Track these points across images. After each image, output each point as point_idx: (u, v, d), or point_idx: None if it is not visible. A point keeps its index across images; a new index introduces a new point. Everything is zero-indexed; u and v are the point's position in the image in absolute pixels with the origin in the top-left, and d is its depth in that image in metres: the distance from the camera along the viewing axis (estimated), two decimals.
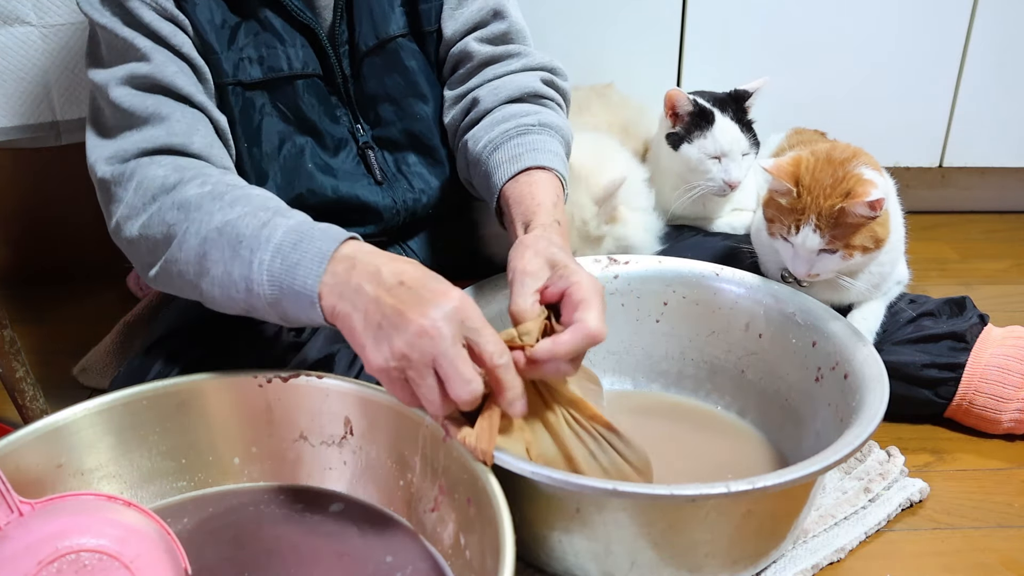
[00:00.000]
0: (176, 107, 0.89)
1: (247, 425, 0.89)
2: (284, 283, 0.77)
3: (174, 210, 0.83)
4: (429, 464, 0.83)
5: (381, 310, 0.72)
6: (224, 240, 0.80)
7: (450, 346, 0.71)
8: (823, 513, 0.97)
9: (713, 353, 1.08)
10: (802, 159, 1.03)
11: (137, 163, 0.87)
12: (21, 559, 0.68)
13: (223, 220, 0.81)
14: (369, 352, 0.73)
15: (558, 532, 0.82)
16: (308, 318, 0.78)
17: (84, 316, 1.40)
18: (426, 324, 0.70)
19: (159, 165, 0.86)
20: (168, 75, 0.89)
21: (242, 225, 0.80)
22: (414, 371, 0.72)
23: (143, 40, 0.89)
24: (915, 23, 1.57)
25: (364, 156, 1.05)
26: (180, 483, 0.89)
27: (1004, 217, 1.78)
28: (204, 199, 0.83)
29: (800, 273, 1.04)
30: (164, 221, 0.83)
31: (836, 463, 0.77)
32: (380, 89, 1.04)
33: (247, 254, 0.78)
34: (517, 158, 0.96)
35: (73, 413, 0.84)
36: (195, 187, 0.84)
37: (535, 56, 1.08)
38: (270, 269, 0.77)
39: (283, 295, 0.77)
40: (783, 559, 0.90)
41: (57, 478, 0.82)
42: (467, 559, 0.78)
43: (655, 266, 1.09)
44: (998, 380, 1.08)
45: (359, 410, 0.87)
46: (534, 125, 0.99)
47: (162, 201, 0.84)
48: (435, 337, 0.70)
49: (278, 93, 0.99)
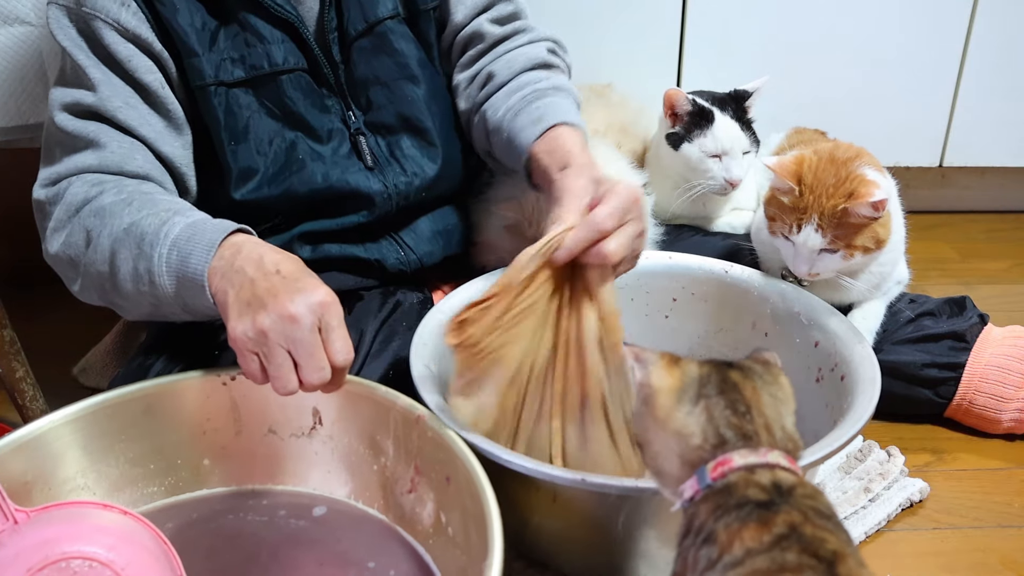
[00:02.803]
0: (115, 136, 0.93)
1: (214, 424, 0.89)
2: (180, 272, 0.82)
3: (91, 217, 0.88)
4: (403, 446, 0.84)
5: (253, 290, 0.77)
6: (131, 239, 0.85)
7: (308, 333, 0.75)
8: None
9: (720, 350, 1.08)
10: (805, 158, 1.03)
11: (68, 182, 0.91)
12: (11, 566, 0.68)
13: (130, 221, 0.86)
14: (232, 322, 0.77)
15: (537, 518, 0.83)
16: (203, 305, 0.82)
17: (84, 316, 1.39)
18: (292, 310, 0.75)
19: (84, 182, 0.91)
20: (111, 108, 0.92)
21: (145, 224, 0.85)
22: (269, 349, 0.76)
23: (95, 70, 0.92)
24: (915, 23, 1.57)
25: (355, 142, 1.06)
26: (151, 489, 0.89)
27: (1004, 217, 1.78)
28: (117, 205, 0.88)
29: (801, 272, 1.04)
30: (83, 227, 0.88)
31: (809, 466, 0.78)
32: (370, 73, 1.05)
33: (148, 249, 0.83)
34: (540, 119, 1.00)
35: (38, 427, 0.83)
36: (111, 195, 0.89)
37: (539, 30, 1.14)
38: (168, 261, 0.83)
39: (180, 284, 0.83)
40: None
41: (25, 494, 0.81)
42: (450, 536, 0.79)
43: (665, 262, 1.10)
44: (998, 380, 1.08)
45: (327, 399, 0.88)
46: (549, 88, 1.04)
47: (82, 212, 0.89)
48: (298, 323, 0.75)
49: (263, 90, 0.99)
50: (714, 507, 0.55)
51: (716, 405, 0.59)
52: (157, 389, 0.88)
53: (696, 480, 0.57)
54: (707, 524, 0.55)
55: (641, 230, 0.87)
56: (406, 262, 1.11)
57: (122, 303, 0.90)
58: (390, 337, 1.03)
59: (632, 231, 0.85)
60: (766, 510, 0.54)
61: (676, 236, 1.27)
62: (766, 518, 0.53)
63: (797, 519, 0.53)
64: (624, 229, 0.84)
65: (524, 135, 1.00)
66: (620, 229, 0.84)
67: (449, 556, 0.80)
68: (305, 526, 0.86)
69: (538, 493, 0.83)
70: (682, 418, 0.59)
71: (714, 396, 0.59)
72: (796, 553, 0.51)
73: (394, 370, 1.00)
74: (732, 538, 0.53)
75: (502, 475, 0.77)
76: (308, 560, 0.83)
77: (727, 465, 0.56)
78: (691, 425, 0.58)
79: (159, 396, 0.88)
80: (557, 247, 0.83)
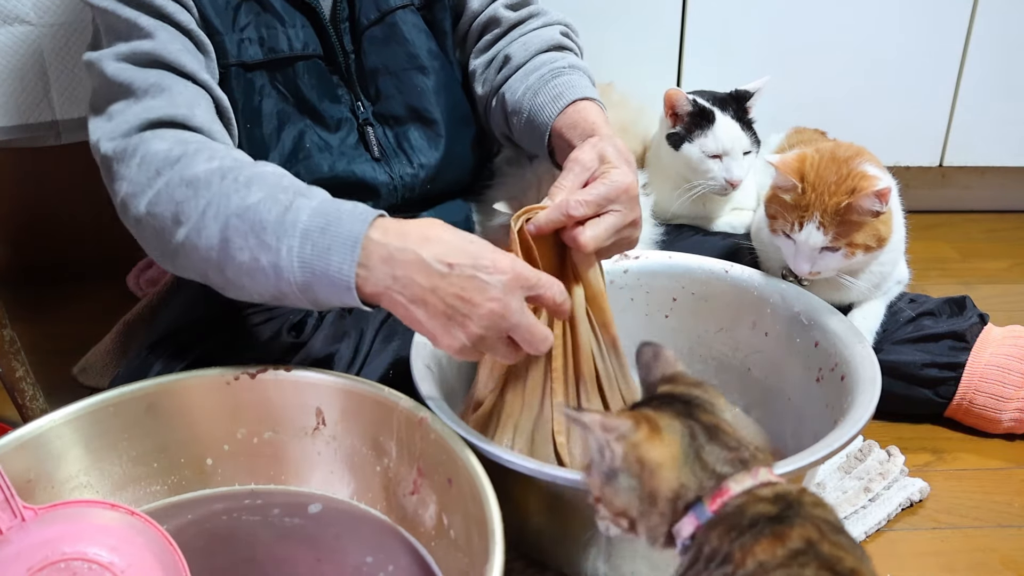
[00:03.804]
0: (177, 81, 0.88)
1: (217, 424, 0.89)
2: (317, 269, 0.76)
3: (182, 187, 0.81)
4: (405, 448, 0.84)
5: (444, 300, 0.74)
6: (247, 227, 0.78)
7: (519, 316, 0.75)
8: None
9: (721, 350, 1.09)
10: (807, 155, 1.03)
11: (140, 137, 0.84)
12: (11, 565, 0.68)
13: (242, 205, 0.79)
14: (442, 339, 0.76)
15: (537, 518, 0.83)
16: (341, 302, 0.78)
17: (84, 316, 1.39)
18: (494, 307, 0.73)
19: (161, 139, 0.84)
20: (172, 52, 0.88)
21: (264, 210, 0.78)
22: (491, 347, 0.76)
23: (146, 19, 0.88)
24: (915, 23, 1.57)
25: (363, 133, 1.06)
26: (154, 487, 0.88)
27: (1004, 216, 1.78)
28: (213, 176, 0.81)
29: (802, 271, 1.04)
30: (172, 199, 0.81)
31: (809, 466, 0.77)
32: (380, 63, 1.05)
33: (273, 241, 0.76)
34: (559, 96, 1.00)
35: (40, 425, 0.82)
36: (202, 162, 0.82)
37: (552, 14, 1.14)
38: (300, 256, 0.76)
39: (315, 281, 0.76)
40: None
41: (28, 492, 0.80)
42: (452, 538, 0.79)
43: (665, 261, 1.10)
44: (998, 380, 1.08)
45: (330, 400, 0.88)
46: (566, 67, 1.04)
47: (168, 176, 0.82)
48: (505, 315, 0.74)
49: (278, 74, 0.99)
50: (727, 529, 0.55)
51: (711, 452, 0.59)
52: (160, 388, 0.88)
53: (694, 516, 0.57)
54: (722, 547, 0.54)
55: (631, 220, 0.86)
56: None
57: (229, 289, 0.83)
58: (390, 336, 1.04)
59: (613, 222, 0.84)
60: (779, 523, 0.54)
61: (676, 236, 1.27)
62: (780, 532, 0.53)
63: (814, 535, 0.53)
64: (604, 219, 0.84)
65: (545, 112, 1.00)
66: (599, 218, 0.84)
67: (451, 558, 0.79)
68: (302, 523, 0.86)
69: (539, 493, 0.83)
70: (684, 478, 0.58)
71: (707, 444, 0.59)
72: (815, 569, 0.51)
73: (394, 370, 1.00)
74: (745, 555, 0.53)
75: (503, 475, 0.77)
76: (306, 558, 0.83)
77: (726, 495, 0.56)
78: (691, 480, 0.58)
79: (162, 395, 0.88)
80: (529, 219, 0.83)
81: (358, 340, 1.03)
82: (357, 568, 0.81)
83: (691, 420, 0.60)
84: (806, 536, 0.53)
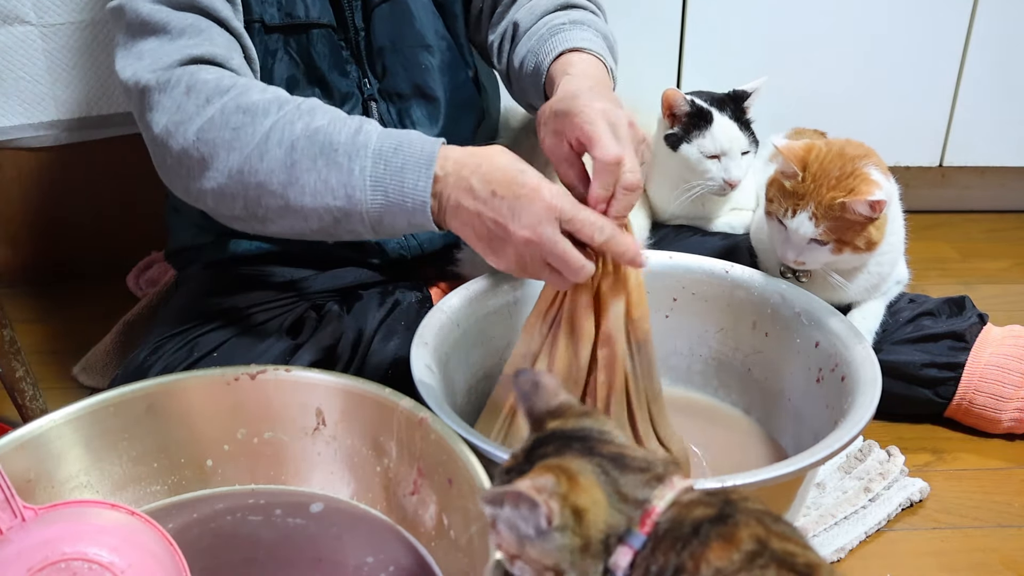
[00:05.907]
0: (212, 26, 0.88)
1: (218, 424, 0.89)
2: (391, 188, 0.78)
3: (238, 114, 0.81)
4: (406, 448, 0.84)
5: (484, 224, 0.77)
6: (316, 148, 0.79)
7: (555, 245, 0.75)
8: (823, 513, 0.97)
9: (721, 350, 1.08)
10: (815, 146, 1.03)
11: (184, 70, 0.84)
12: (12, 565, 0.68)
13: (309, 127, 0.80)
14: (491, 260, 0.80)
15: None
16: (409, 224, 0.79)
17: (84, 316, 1.40)
18: (527, 234, 0.75)
19: (208, 71, 0.84)
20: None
21: (334, 131, 0.80)
22: (533, 269, 0.78)
23: None
24: (915, 23, 1.57)
25: (367, 108, 1.06)
26: (154, 488, 0.88)
27: (1004, 216, 1.78)
28: (271, 105, 0.81)
29: (788, 259, 1.04)
30: (227, 124, 0.81)
31: (809, 467, 0.77)
32: (387, 40, 1.06)
33: (345, 161, 0.79)
34: (551, 51, 0.99)
35: (40, 425, 0.82)
36: (256, 92, 0.83)
37: None
38: (373, 175, 0.78)
39: (389, 201, 0.78)
40: None
41: (28, 492, 0.80)
42: (452, 539, 0.79)
43: (666, 261, 1.09)
44: (998, 380, 1.08)
45: (330, 400, 0.88)
46: (566, 23, 1.03)
47: (221, 103, 0.82)
48: (539, 243, 0.75)
49: (292, 40, 1.00)
50: (671, 543, 0.53)
51: (627, 483, 0.56)
52: (160, 388, 0.88)
53: (628, 546, 0.54)
54: (670, 561, 0.53)
55: (634, 184, 0.80)
56: (407, 247, 1.11)
57: (277, 220, 0.83)
58: (389, 336, 1.04)
59: (629, 201, 0.81)
60: (723, 524, 0.52)
61: (676, 236, 1.27)
62: (728, 533, 0.52)
63: (761, 532, 0.52)
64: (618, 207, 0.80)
65: (539, 71, 0.99)
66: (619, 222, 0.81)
67: (451, 558, 0.79)
68: (303, 523, 0.86)
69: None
70: (611, 517, 0.55)
71: (620, 476, 0.56)
72: (775, 570, 0.50)
73: (393, 369, 1.00)
74: (698, 562, 0.51)
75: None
76: (306, 557, 0.83)
77: (653, 514, 0.55)
78: (617, 517, 0.55)
79: (162, 395, 0.87)
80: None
81: (357, 340, 1.03)
82: (357, 568, 0.81)
83: (595, 456, 0.58)
84: (755, 535, 0.52)
